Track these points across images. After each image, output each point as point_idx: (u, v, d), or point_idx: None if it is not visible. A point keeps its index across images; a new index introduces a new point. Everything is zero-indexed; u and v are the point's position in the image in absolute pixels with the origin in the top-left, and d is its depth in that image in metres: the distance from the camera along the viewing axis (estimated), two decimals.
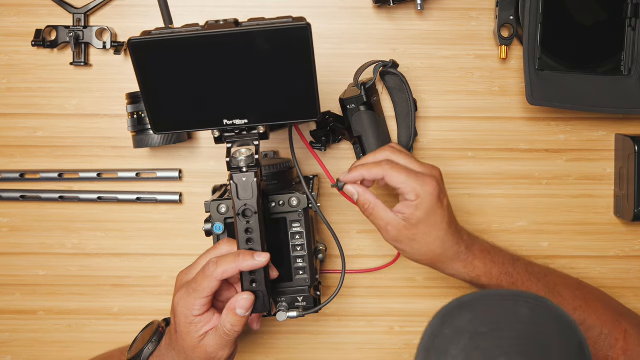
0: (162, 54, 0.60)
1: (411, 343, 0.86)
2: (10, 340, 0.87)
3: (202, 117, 0.64)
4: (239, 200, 0.64)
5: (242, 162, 0.64)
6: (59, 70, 0.84)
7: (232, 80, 0.62)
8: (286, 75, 0.62)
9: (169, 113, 0.64)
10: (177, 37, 0.59)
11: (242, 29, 0.59)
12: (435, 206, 0.66)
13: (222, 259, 0.63)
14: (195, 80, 0.62)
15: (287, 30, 0.59)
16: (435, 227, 0.66)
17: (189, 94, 0.62)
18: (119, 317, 0.86)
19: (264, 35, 0.59)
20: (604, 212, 0.85)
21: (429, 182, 0.65)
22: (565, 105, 0.79)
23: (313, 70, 0.62)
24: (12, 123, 0.84)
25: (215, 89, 0.62)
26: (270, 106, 0.63)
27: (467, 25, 0.83)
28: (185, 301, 0.64)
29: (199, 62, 0.60)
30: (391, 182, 0.66)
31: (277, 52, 0.60)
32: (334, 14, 0.83)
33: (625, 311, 0.71)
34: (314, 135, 0.81)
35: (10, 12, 0.83)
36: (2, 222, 0.86)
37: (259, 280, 0.65)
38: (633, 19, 0.80)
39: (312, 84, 0.62)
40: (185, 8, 0.83)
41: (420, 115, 0.84)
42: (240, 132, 0.65)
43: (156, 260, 0.85)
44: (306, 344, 0.87)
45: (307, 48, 0.60)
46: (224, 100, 0.63)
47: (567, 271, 0.85)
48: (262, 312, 0.66)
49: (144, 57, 0.60)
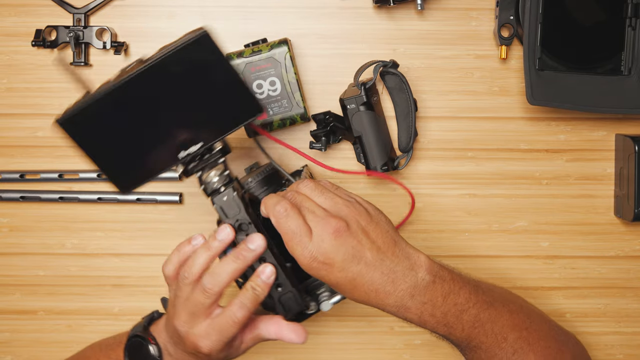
0: (90, 121, 0.60)
1: (411, 343, 0.87)
2: (10, 340, 0.87)
3: (158, 160, 0.63)
4: (230, 219, 0.64)
5: (216, 184, 0.64)
6: (59, 70, 0.84)
7: (167, 114, 0.62)
8: (212, 85, 0.61)
9: (126, 171, 0.63)
10: (96, 99, 0.59)
11: (150, 62, 0.59)
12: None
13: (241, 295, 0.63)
14: (134, 130, 0.62)
15: (189, 45, 0.59)
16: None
17: (134, 145, 0.62)
18: (119, 317, 0.86)
19: (171, 60, 0.59)
20: (604, 212, 0.85)
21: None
22: (565, 105, 0.79)
23: (232, 70, 0.61)
24: (12, 123, 0.84)
25: (155, 128, 0.62)
26: (214, 120, 0.63)
27: (467, 25, 0.83)
28: (209, 340, 0.63)
29: (127, 111, 0.61)
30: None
31: (192, 68, 0.60)
32: (334, 14, 0.83)
33: (563, 346, 0.70)
34: (314, 135, 0.81)
35: (10, 12, 0.83)
36: (2, 222, 0.86)
37: (283, 284, 0.64)
38: (633, 18, 0.80)
39: (238, 83, 0.62)
40: (185, 8, 0.83)
41: (420, 115, 0.84)
42: (201, 156, 0.65)
43: (156, 260, 0.85)
44: (306, 344, 0.86)
45: (214, 53, 0.60)
46: (169, 135, 0.62)
47: (567, 271, 0.86)
48: (299, 310, 0.65)
49: (76, 131, 0.60)
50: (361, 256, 0.60)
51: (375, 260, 0.61)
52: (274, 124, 0.79)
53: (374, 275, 0.60)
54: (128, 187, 0.64)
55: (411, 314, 0.62)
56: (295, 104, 0.79)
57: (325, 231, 0.60)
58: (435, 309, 0.62)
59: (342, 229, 0.60)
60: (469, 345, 0.65)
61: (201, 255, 0.63)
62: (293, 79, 0.78)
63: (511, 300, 0.70)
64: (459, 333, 0.64)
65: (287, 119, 0.79)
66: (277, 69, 0.78)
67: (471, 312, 0.63)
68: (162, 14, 0.83)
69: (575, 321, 0.85)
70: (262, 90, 0.78)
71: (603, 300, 0.86)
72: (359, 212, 0.62)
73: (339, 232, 0.60)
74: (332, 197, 0.63)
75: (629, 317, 0.86)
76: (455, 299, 0.63)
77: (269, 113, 0.79)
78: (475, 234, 0.84)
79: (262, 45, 0.78)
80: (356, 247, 0.60)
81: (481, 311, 0.64)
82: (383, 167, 0.79)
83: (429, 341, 0.86)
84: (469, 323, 0.63)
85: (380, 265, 0.61)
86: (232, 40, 0.82)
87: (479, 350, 0.65)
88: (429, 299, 0.62)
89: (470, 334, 0.64)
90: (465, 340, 0.65)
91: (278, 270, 0.64)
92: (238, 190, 0.64)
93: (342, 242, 0.60)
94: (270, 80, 0.78)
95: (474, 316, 0.64)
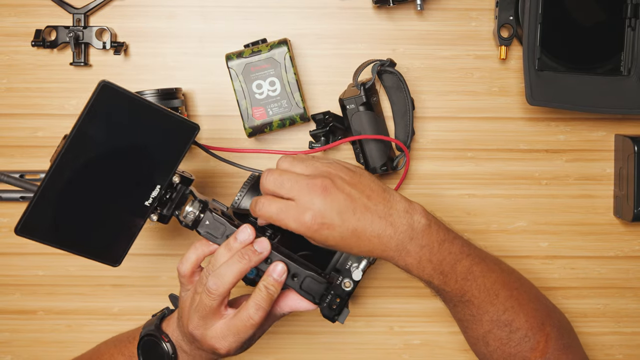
0: (45, 215, 0.60)
1: (411, 343, 0.87)
2: (10, 340, 0.87)
3: (129, 220, 0.63)
4: (220, 238, 0.64)
5: (193, 215, 0.64)
6: (59, 70, 0.84)
7: (111, 174, 0.61)
8: (137, 127, 0.61)
9: (105, 245, 0.63)
10: (39, 193, 0.59)
11: (70, 135, 0.58)
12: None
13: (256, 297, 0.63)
14: (89, 204, 0.61)
15: (95, 102, 0.58)
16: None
17: (98, 218, 0.62)
18: (118, 317, 0.86)
19: (87, 123, 0.58)
20: (604, 213, 0.85)
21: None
22: (565, 105, 0.79)
23: (149, 104, 0.60)
24: (12, 123, 0.84)
25: (109, 192, 0.61)
26: (158, 158, 0.62)
27: (467, 25, 0.83)
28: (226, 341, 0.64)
29: (74, 190, 0.60)
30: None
31: (111, 121, 0.59)
32: (334, 14, 0.83)
33: (551, 312, 0.71)
34: (313, 135, 0.81)
35: (10, 12, 0.83)
36: (2, 222, 0.86)
37: (297, 273, 0.65)
38: (633, 19, 0.80)
39: (161, 113, 0.61)
40: (185, 8, 0.83)
41: (419, 116, 0.84)
42: (168, 197, 0.64)
43: (155, 260, 0.86)
44: (305, 344, 0.87)
45: (122, 96, 0.59)
46: (125, 192, 0.62)
47: (567, 272, 0.86)
48: (324, 288, 0.65)
49: (37, 232, 0.60)
50: (355, 206, 0.61)
51: (369, 206, 0.62)
52: (274, 124, 0.79)
53: (373, 220, 0.62)
54: (117, 259, 0.64)
55: (411, 258, 0.63)
56: (295, 104, 0.79)
57: (313, 193, 0.60)
58: (433, 254, 0.63)
59: (328, 185, 0.61)
60: (462, 300, 0.66)
61: (223, 255, 0.64)
62: (292, 79, 0.78)
63: (502, 261, 0.71)
64: (452, 284, 0.65)
65: (286, 119, 0.79)
66: (276, 69, 0.78)
67: (464, 263, 0.65)
68: (162, 14, 0.83)
69: (574, 321, 0.85)
70: (262, 91, 0.79)
71: (602, 301, 0.86)
72: (341, 169, 0.63)
73: (325, 190, 0.61)
74: (311, 163, 0.64)
75: (628, 317, 0.86)
76: (450, 248, 0.64)
77: (268, 113, 0.79)
78: (474, 234, 0.84)
79: (262, 45, 0.79)
80: (347, 199, 0.61)
81: (474, 264, 0.66)
82: (382, 167, 0.79)
83: (429, 341, 0.86)
84: (462, 274, 0.65)
85: (376, 210, 0.62)
86: (232, 40, 0.82)
87: (470, 305, 0.66)
88: (426, 242, 0.63)
89: (463, 286, 0.65)
90: (458, 293, 0.65)
91: (288, 264, 0.64)
92: (216, 210, 0.65)
93: (333, 197, 0.61)
94: (269, 81, 0.78)
95: (467, 268, 0.65)
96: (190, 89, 0.84)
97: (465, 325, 0.69)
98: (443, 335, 0.86)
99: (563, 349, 0.69)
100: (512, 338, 0.67)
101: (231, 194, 0.84)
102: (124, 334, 0.76)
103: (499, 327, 0.67)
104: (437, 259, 0.64)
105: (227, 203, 0.77)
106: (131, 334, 0.74)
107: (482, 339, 0.68)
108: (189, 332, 0.64)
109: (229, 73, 0.79)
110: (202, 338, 0.64)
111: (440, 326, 0.86)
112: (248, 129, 0.79)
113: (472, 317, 0.67)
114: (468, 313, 0.67)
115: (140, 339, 0.69)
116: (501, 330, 0.67)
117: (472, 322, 0.68)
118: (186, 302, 0.66)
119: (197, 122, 0.83)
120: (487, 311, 0.66)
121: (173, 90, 0.78)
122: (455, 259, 0.64)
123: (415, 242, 0.63)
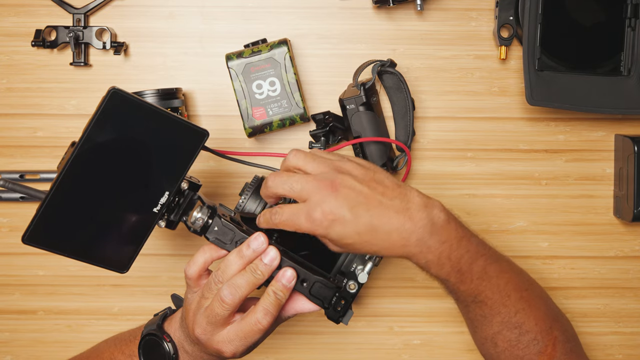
0: (53, 224, 0.59)
1: (411, 343, 0.87)
2: (10, 340, 0.87)
3: (137, 226, 0.63)
4: (229, 245, 0.64)
5: (201, 221, 0.64)
6: (59, 70, 0.84)
7: (121, 180, 0.61)
8: (147, 133, 0.60)
9: (113, 252, 0.63)
10: (47, 201, 0.58)
11: (79, 142, 0.58)
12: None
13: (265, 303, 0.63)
14: (98, 211, 0.61)
15: (105, 109, 0.57)
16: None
17: (106, 225, 0.61)
18: (118, 317, 0.86)
19: (97, 130, 0.58)
20: (604, 213, 0.85)
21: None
22: (565, 105, 0.79)
23: (159, 110, 0.60)
24: (12, 123, 0.84)
25: (118, 198, 0.61)
26: (167, 165, 0.62)
27: (466, 25, 0.83)
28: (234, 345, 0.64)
29: (83, 197, 0.59)
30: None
31: (120, 128, 0.59)
32: (334, 14, 0.83)
33: (558, 317, 0.71)
34: (313, 135, 0.81)
35: (10, 12, 0.83)
36: (2, 222, 0.86)
37: (306, 278, 0.65)
38: (633, 19, 0.80)
39: (171, 119, 0.61)
40: (185, 8, 0.83)
41: (419, 116, 0.84)
42: (176, 203, 0.64)
43: (156, 260, 0.86)
44: (305, 343, 0.87)
45: (132, 103, 0.58)
46: (134, 199, 0.62)
47: (567, 272, 0.86)
48: (333, 293, 0.65)
49: (45, 240, 0.59)
50: (368, 202, 0.60)
51: (383, 201, 0.60)
52: (274, 124, 0.79)
53: (390, 215, 0.60)
54: (124, 265, 0.64)
55: (431, 254, 0.61)
56: (295, 104, 0.79)
57: (324, 191, 0.60)
58: (452, 251, 0.62)
59: (338, 183, 0.60)
60: (475, 300, 0.65)
61: (235, 263, 0.63)
62: (292, 79, 0.78)
63: (513, 262, 0.71)
64: (468, 283, 0.64)
65: (286, 119, 0.79)
66: (276, 69, 0.78)
67: (480, 262, 0.64)
68: (162, 14, 0.83)
69: (574, 321, 0.85)
70: (262, 91, 0.79)
71: (602, 301, 0.86)
72: (353, 166, 0.63)
73: (335, 187, 0.60)
74: (323, 160, 0.63)
75: (628, 317, 0.86)
76: (468, 245, 0.63)
77: (268, 113, 0.79)
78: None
79: (262, 45, 0.79)
80: (359, 195, 0.60)
81: (488, 264, 0.65)
82: (382, 167, 0.79)
83: (429, 341, 0.86)
84: (477, 274, 0.64)
85: (392, 205, 0.60)
86: (232, 40, 0.82)
87: (483, 306, 0.66)
88: (446, 238, 0.61)
89: (478, 286, 0.64)
90: (472, 293, 0.65)
91: (297, 269, 0.64)
92: (224, 216, 0.65)
93: (344, 194, 0.60)
94: (269, 81, 0.78)
95: (482, 267, 0.64)
96: (190, 89, 0.84)
97: (475, 325, 0.69)
98: (443, 335, 0.86)
99: (569, 353, 0.69)
100: (521, 340, 0.67)
101: (231, 194, 0.84)
102: (124, 332, 0.76)
103: (509, 329, 0.67)
104: (456, 257, 0.62)
105: (228, 203, 0.77)
106: (132, 333, 0.74)
107: (490, 339, 0.68)
108: (195, 336, 0.64)
109: (229, 73, 0.79)
110: (208, 342, 0.64)
111: (440, 326, 0.86)
112: (248, 129, 0.79)
113: (484, 317, 0.67)
114: (479, 313, 0.67)
115: (142, 338, 0.69)
116: (511, 332, 0.67)
117: (483, 322, 0.67)
118: (192, 304, 0.65)
119: (197, 122, 0.83)
120: (499, 312, 0.66)
121: (173, 90, 0.78)
122: (472, 257, 0.63)
123: (435, 237, 0.61)
